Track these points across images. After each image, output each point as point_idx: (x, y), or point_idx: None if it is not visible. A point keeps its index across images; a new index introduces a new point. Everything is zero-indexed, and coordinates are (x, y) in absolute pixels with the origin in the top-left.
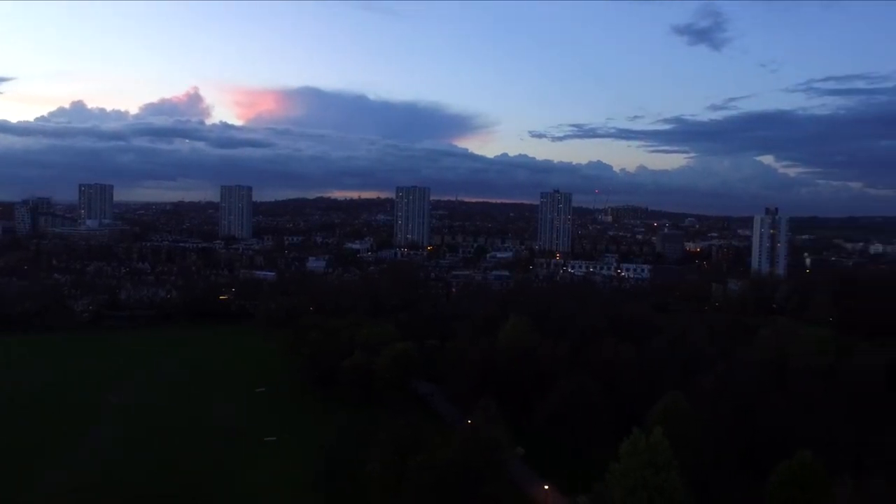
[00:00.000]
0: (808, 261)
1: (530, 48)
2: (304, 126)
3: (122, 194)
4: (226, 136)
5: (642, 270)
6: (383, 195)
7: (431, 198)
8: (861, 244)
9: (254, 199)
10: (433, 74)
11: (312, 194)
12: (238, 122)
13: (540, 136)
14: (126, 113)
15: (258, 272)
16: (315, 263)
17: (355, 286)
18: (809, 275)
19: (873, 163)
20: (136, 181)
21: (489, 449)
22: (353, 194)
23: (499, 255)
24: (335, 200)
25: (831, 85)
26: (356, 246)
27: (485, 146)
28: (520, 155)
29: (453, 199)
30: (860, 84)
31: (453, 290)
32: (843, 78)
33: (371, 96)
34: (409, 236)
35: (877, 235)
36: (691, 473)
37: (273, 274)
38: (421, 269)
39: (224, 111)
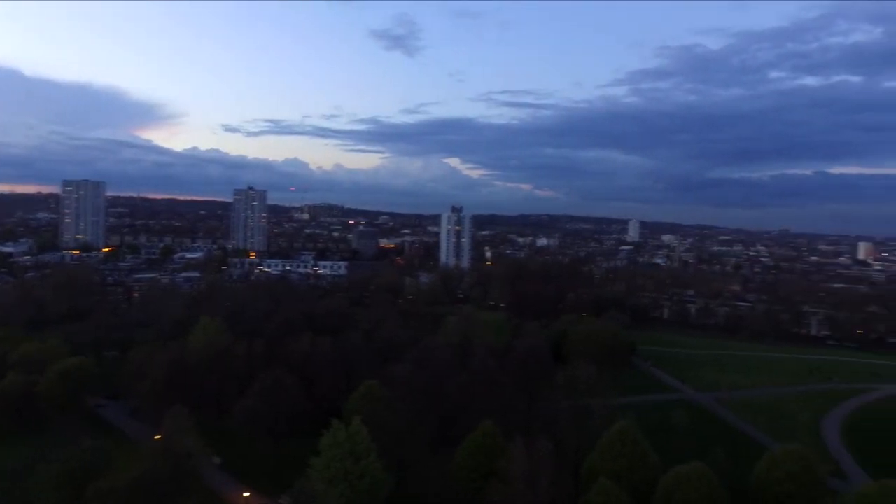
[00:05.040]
0: (488, 254)
1: (225, 37)
2: None
3: None
4: None
5: (339, 267)
6: (46, 189)
7: (108, 193)
8: (531, 238)
9: None
10: (111, 54)
11: None
12: None
13: (234, 130)
14: None
15: None
16: None
17: (9, 295)
18: (489, 266)
19: (540, 167)
20: None
21: (182, 461)
22: (4, 188)
23: (188, 255)
24: None
25: (507, 97)
26: (8, 248)
27: (172, 139)
28: (212, 149)
29: (135, 195)
30: (529, 99)
31: (135, 295)
32: (517, 92)
33: (27, 72)
34: (79, 237)
35: (543, 231)
36: (391, 456)
37: None
38: (96, 273)
39: None
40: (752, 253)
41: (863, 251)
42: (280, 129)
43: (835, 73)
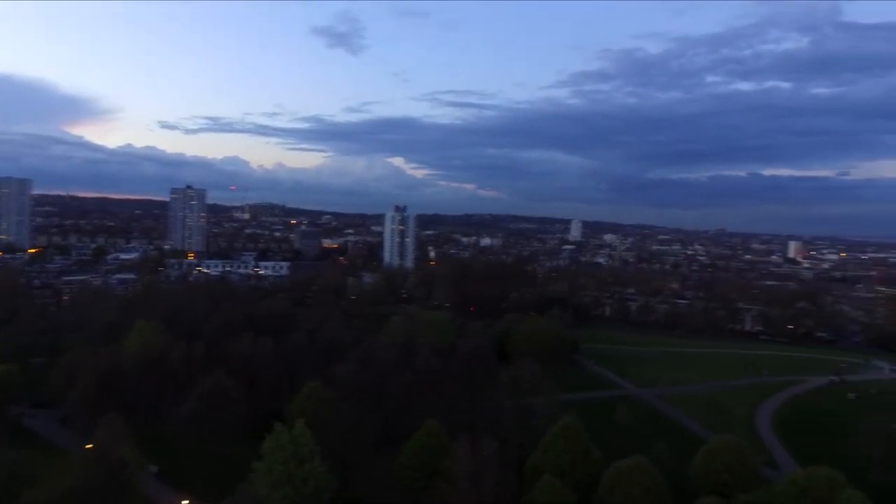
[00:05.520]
0: (432, 253)
1: (162, 31)
2: None
3: None
4: None
5: (281, 268)
6: None
7: (34, 192)
8: (474, 238)
9: None
10: (37, 45)
11: None
12: None
13: (171, 127)
14: None
15: None
16: None
17: None
18: (433, 266)
19: (483, 167)
20: None
21: (115, 470)
22: None
23: (123, 256)
24: None
25: (451, 98)
26: None
27: (105, 135)
28: (147, 147)
29: (64, 193)
30: (473, 99)
31: (65, 297)
32: (461, 92)
33: None
34: (2, 237)
35: (486, 230)
36: (335, 457)
37: None
38: (21, 275)
39: None
40: (689, 252)
41: (792, 250)
42: (220, 126)
43: (767, 78)
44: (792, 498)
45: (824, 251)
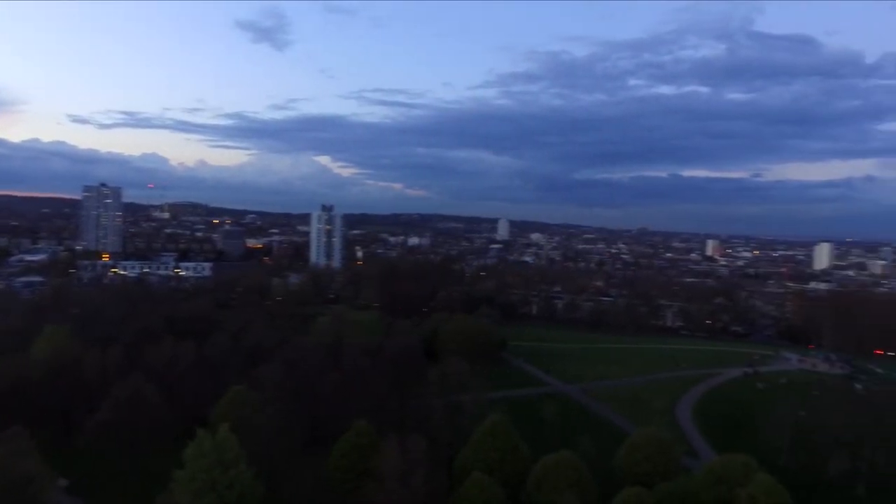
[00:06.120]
0: (359, 253)
1: (73, 20)
2: None
3: None
4: None
5: (203, 268)
6: None
7: None
8: (402, 238)
9: None
10: None
11: None
12: None
13: (83, 121)
14: None
15: None
16: None
17: None
18: (361, 266)
19: (411, 167)
20: None
21: (19, 487)
22: None
23: (28, 257)
24: None
25: (379, 96)
26: None
27: (9, 129)
28: (56, 142)
29: None
30: (402, 98)
31: None
32: (389, 91)
33: None
34: None
35: (414, 230)
36: (262, 462)
37: None
38: None
39: None
40: (613, 250)
41: (710, 248)
42: (136, 121)
43: (686, 83)
44: (709, 485)
45: (739, 249)
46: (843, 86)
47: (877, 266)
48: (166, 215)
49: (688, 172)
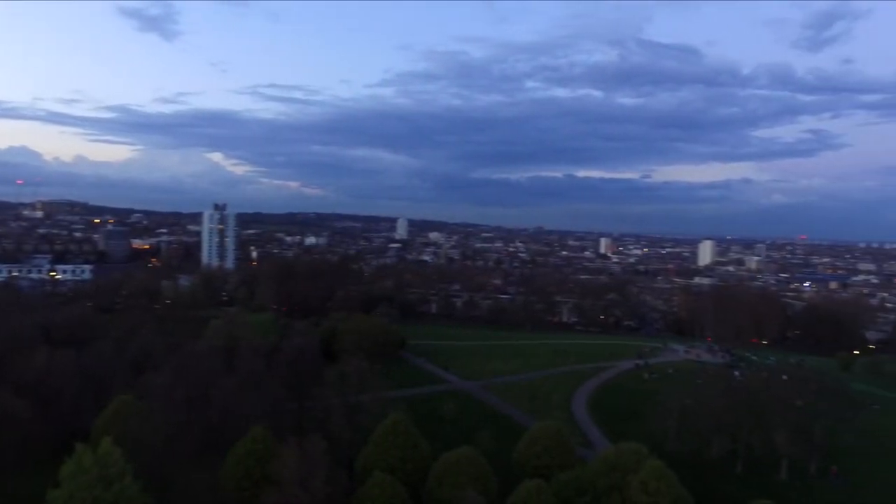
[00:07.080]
0: (254, 253)
1: None
2: None
3: None
4: None
5: (83, 271)
6: None
7: None
8: (299, 237)
9: None
10: None
11: None
12: None
13: None
14: None
15: None
16: None
17: None
18: (256, 266)
19: (308, 165)
20: None
21: None
22: None
23: None
24: None
25: (274, 92)
26: None
27: None
28: None
29: None
30: (298, 94)
31: None
32: (285, 87)
33: None
34: None
35: (311, 229)
36: (151, 474)
37: None
38: None
39: None
40: (511, 249)
41: (603, 246)
42: (2, 112)
43: (580, 86)
44: (603, 473)
45: (630, 247)
46: (722, 94)
47: (752, 262)
48: (39, 214)
49: (582, 173)
